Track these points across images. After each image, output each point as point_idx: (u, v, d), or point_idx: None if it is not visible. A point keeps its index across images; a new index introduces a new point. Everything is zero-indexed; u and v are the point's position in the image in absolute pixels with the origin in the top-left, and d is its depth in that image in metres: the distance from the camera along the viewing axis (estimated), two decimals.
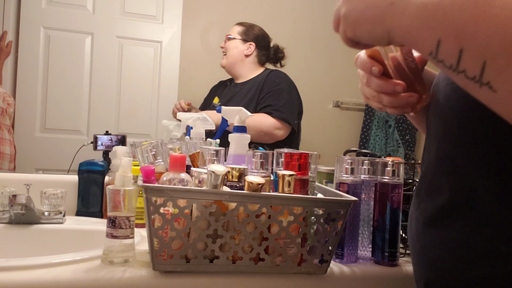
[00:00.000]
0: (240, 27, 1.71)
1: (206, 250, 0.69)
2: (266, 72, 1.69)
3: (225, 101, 1.66)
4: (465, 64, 0.32)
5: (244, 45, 1.69)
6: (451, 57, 0.33)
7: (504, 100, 0.31)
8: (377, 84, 0.54)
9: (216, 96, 1.74)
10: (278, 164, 0.84)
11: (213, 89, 1.82)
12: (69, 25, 1.75)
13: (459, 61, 0.32)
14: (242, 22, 1.73)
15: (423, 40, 0.35)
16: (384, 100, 0.55)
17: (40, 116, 1.71)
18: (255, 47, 1.69)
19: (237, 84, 1.71)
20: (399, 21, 0.37)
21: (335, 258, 0.82)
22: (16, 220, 0.95)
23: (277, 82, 1.62)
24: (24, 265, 0.66)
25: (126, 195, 0.72)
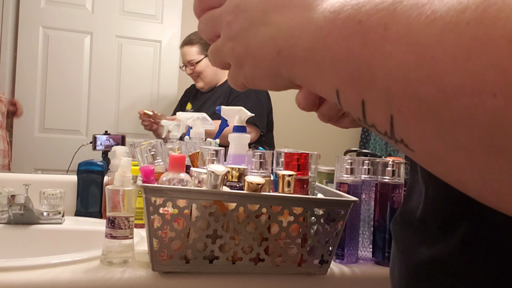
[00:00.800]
0: (195, 46, 1.66)
1: (205, 251, 0.69)
2: None
3: (196, 108, 1.68)
4: (372, 118, 0.26)
5: None
6: (354, 109, 0.27)
7: (426, 160, 0.25)
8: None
9: (189, 102, 1.75)
10: (278, 164, 0.84)
11: (187, 92, 1.82)
12: (68, 24, 1.75)
13: (364, 115, 0.26)
14: (189, 41, 1.68)
15: (322, 90, 0.29)
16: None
17: (39, 116, 1.71)
18: None
19: (207, 91, 1.73)
20: (293, 70, 0.31)
21: (336, 259, 0.82)
22: (15, 221, 0.95)
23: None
24: (23, 266, 0.66)
25: (126, 195, 0.72)
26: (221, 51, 0.36)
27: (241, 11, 0.34)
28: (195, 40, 1.66)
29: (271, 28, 0.32)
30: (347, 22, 0.25)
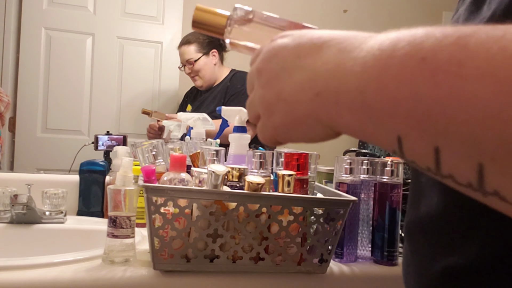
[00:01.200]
0: (193, 45, 1.67)
1: (206, 250, 0.70)
2: (230, 74, 1.71)
3: (195, 108, 1.68)
4: (450, 168, 0.22)
5: (209, 57, 1.69)
6: (424, 158, 0.23)
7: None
8: None
9: (189, 104, 1.76)
10: (278, 164, 0.85)
11: (186, 95, 1.83)
12: (70, 25, 1.76)
13: (438, 164, 0.22)
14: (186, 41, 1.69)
15: (377, 138, 0.25)
16: None
17: (41, 116, 1.72)
18: (217, 51, 1.70)
19: (206, 90, 1.73)
20: (336, 116, 0.27)
21: (335, 258, 0.83)
22: (18, 220, 0.95)
23: (240, 85, 1.63)
24: (25, 265, 0.67)
25: (127, 195, 0.73)
26: (253, 103, 0.33)
27: (272, 56, 0.31)
28: (192, 39, 1.67)
29: (307, 71, 0.28)
30: (407, 60, 0.22)
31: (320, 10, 2.16)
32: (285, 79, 0.30)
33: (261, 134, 0.33)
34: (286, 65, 0.30)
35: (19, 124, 1.66)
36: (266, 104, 0.31)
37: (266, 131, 0.32)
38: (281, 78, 0.30)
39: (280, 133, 0.31)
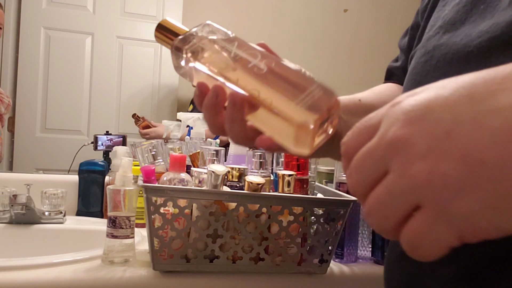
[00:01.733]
0: None
1: (206, 250, 0.69)
2: None
3: (194, 107, 1.69)
4: None
5: None
6: None
7: None
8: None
9: (191, 104, 1.77)
10: (278, 164, 0.84)
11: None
12: (70, 25, 1.75)
13: None
14: None
15: None
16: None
17: (40, 116, 1.71)
18: None
19: None
20: None
21: (335, 258, 0.82)
22: (17, 220, 0.95)
23: None
24: (24, 265, 0.66)
25: (127, 195, 0.72)
26: (399, 191, 0.20)
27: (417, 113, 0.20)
28: None
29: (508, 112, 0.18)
30: None
31: (320, 9, 2.16)
32: (468, 131, 0.19)
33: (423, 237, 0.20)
34: (460, 115, 0.19)
35: (18, 124, 1.66)
36: (440, 178, 0.19)
37: (441, 228, 0.19)
38: (459, 135, 0.19)
39: (478, 221, 0.19)
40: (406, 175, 0.19)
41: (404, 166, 0.20)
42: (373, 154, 0.21)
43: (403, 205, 0.20)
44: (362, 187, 0.22)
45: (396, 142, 0.20)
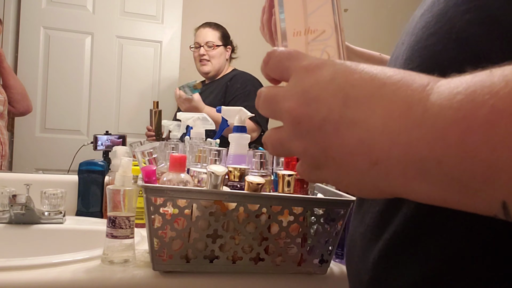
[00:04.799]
0: (217, 32, 1.73)
1: (206, 250, 0.69)
2: (232, 73, 1.73)
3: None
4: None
5: (225, 50, 1.74)
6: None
7: None
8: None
9: None
10: (278, 164, 0.84)
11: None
12: (69, 25, 1.75)
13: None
14: (212, 25, 1.74)
15: (467, 205, 0.22)
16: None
17: (40, 116, 1.71)
18: (231, 49, 1.75)
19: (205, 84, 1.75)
20: (403, 186, 0.23)
21: (335, 258, 0.82)
22: (16, 220, 0.95)
23: (243, 85, 1.66)
24: (24, 265, 0.66)
25: (126, 195, 0.72)
26: (287, 147, 0.28)
27: (310, 99, 0.26)
28: (218, 27, 1.73)
29: (359, 130, 0.23)
30: (496, 119, 0.19)
31: None
32: (331, 133, 0.25)
33: (305, 178, 0.30)
34: (331, 115, 0.25)
35: (17, 124, 1.66)
36: (310, 158, 0.27)
37: (313, 179, 0.29)
38: (326, 132, 0.25)
39: (327, 182, 0.28)
40: (290, 143, 0.28)
41: (290, 135, 0.27)
42: (275, 105, 0.28)
43: (287, 154, 0.30)
44: (263, 113, 0.30)
45: (289, 113, 0.27)
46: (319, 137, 0.25)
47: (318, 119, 0.25)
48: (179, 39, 1.81)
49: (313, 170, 0.28)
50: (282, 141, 0.28)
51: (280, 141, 0.29)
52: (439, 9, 0.34)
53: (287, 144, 0.28)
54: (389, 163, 0.23)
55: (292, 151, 0.28)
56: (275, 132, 0.29)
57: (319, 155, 0.26)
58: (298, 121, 0.26)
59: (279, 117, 0.28)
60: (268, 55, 0.30)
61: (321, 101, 0.25)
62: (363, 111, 0.24)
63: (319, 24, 0.33)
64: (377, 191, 0.25)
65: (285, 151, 0.29)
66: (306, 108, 0.26)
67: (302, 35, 0.33)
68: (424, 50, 0.34)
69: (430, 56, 0.33)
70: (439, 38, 0.33)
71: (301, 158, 0.28)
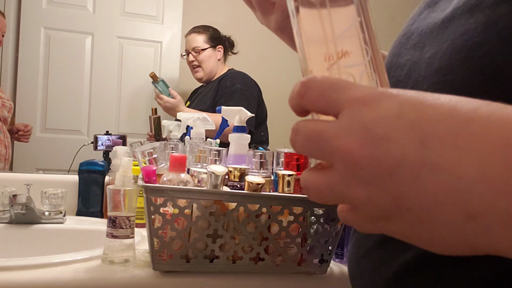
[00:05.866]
0: (203, 35, 1.72)
1: (206, 250, 0.69)
2: (226, 73, 1.73)
3: (192, 103, 1.70)
4: None
5: (215, 51, 1.72)
6: None
7: None
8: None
9: (188, 101, 1.78)
10: (278, 164, 0.84)
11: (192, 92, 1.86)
12: (70, 25, 1.75)
13: None
14: (197, 29, 1.73)
15: None
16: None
17: (40, 116, 1.71)
18: (223, 48, 1.73)
19: (202, 85, 1.75)
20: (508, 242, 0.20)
21: (335, 258, 0.82)
22: (17, 220, 0.95)
23: (232, 83, 1.65)
24: (24, 265, 0.66)
25: (127, 195, 0.72)
26: (340, 194, 0.23)
27: (376, 139, 0.22)
28: (202, 30, 1.71)
29: (447, 176, 0.20)
30: None
31: None
32: (407, 180, 0.21)
33: (360, 229, 0.25)
34: (406, 158, 0.21)
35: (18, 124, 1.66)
36: (374, 207, 0.22)
37: (368, 225, 0.24)
38: (400, 178, 0.21)
39: (394, 235, 0.23)
40: (345, 190, 0.23)
41: (346, 180, 0.23)
42: (324, 144, 0.23)
43: (339, 202, 0.25)
44: (305, 152, 0.25)
45: (347, 154, 0.22)
46: (390, 184, 0.21)
47: (389, 163, 0.21)
48: (179, 39, 1.81)
49: (375, 221, 0.23)
50: (334, 186, 0.23)
51: (330, 186, 0.24)
52: (486, 16, 0.31)
53: (341, 190, 0.23)
54: (493, 217, 0.19)
55: (349, 199, 0.23)
56: (320, 175, 0.24)
57: (389, 205, 0.22)
58: (360, 165, 0.22)
59: (328, 158, 0.23)
60: (305, 85, 0.24)
61: (392, 141, 0.21)
62: (450, 153, 0.20)
63: (351, 46, 0.28)
64: (469, 248, 0.21)
65: (337, 198, 0.24)
66: (372, 149, 0.21)
67: (334, 59, 0.28)
68: (470, 61, 0.31)
69: (480, 69, 0.30)
70: (491, 50, 0.30)
71: (361, 207, 0.23)
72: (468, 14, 0.33)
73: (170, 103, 1.56)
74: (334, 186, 0.23)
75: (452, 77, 0.32)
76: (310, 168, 0.26)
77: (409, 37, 0.40)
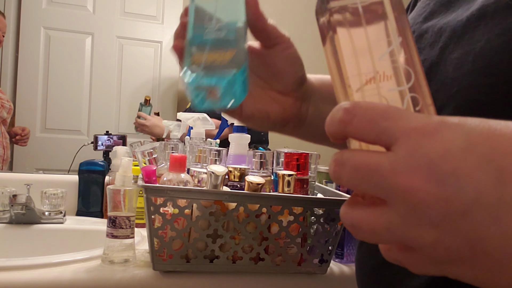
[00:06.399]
0: None
1: (206, 250, 0.69)
2: None
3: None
4: None
5: None
6: None
7: None
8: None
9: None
10: (278, 164, 0.84)
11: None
12: (70, 25, 1.75)
13: None
14: None
15: None
16: None
17: (40, 116, 1.71)
18: None
19: None
20: None
21: (335, 258, 0.82)
22: (17, 220, 0.95)
23: None
24: (24, 265, 0.66)
25: (127, 195, 0.72)
26: (401, 236, 0.21)
27: (444, 175, 0.19)
28: None
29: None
30: None
31: None
32: (484, 221, 0.19)
33: (414, 264, 0.22)
34: (482, 196, 0.19)
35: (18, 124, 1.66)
36: (443, 250, 0.20)
37: (432, 269, 0.21)
38: (475, 219, 0.19)
39: (463, 279, 0.21)
40: (407, 231, 0.20)
41: (408, 221, 0.20)
42: (380, 179, 0.20)
43: (396, 243, 0.22)
44: (352, 188, 0.22)
45: (410, 193, 0.20)
46: (463, 226, 0.19)
47: (461, 202, 0.19)
48: None
49: (440, 264, 0.21)
50: (392, 227, 0.21)
51: (387, 227, 0.21)
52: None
53: (401, 231, 0.21)
54: None
55: (410, 241, 0.21)
56: (373, 213, 0.21)
57: (462, 249, 0.19)
58: (427, 204, 0.19)
59: (384, 195, 0.21)
60: (349, 112, 0.22)
61: (463, 177, 0.19)
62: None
63: (392, 68, 0.25)
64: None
65: (395, 239, 0.21)
66: (440, 187, 0.19)
67: (374, 82, 0.25)
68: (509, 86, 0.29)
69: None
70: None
71: (425, 249, 0.21)
72: (505, 12, 0.30)
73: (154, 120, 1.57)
74: (393, 227, 0.21)
75: (492, 80, 0.30)
76: (355, 203, 0.23)
77: (422, 36, 0.38)
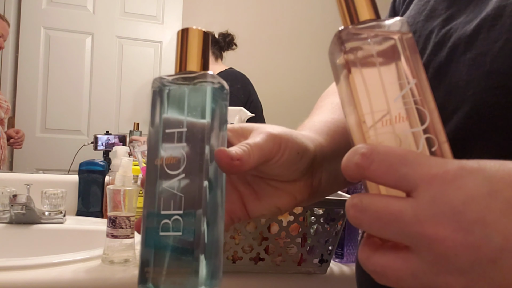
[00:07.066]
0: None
1: None
2: (223, 72, 1.71)
3: None
4: None
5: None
6: None
7: None
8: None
9: None
10: None
11: None
12: (70, 25, 1.75)
13: None
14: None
15: None
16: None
17: (40, 116, 1.71)
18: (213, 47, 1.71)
19: None
20: None
21: (335, 258, 0.82)
22: (17, 220, 0.95)
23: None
24: (24, 265, 0.66)
25: (127, 195, 0.72)
26: (427, 283, 0.21)
27: (470, 223, 0.19)
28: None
29: None
30: None
31: (319, 9, 2.16)
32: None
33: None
34: (510, 243, 0.19)
35: (18, 124, 1.66)
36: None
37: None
38: (504, 266, 0.19)
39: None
40: (438, 278, 0.20)
41: (435, 269, 0.20)
42: (404, 227, 0.20)
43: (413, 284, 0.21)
44: (374, 234, 0.22)
45: (436, 242, 0.20)
46: (493, 273, 0.19)
47: (490, 249, 0.19)
48: None
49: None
50: (418, 274, 0.20)
51: (414, 274, 0.20)
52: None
53: (429, 279, 0.20)
54: None
55: (433, 286, 0.20)
56: (398, 260, 0.21)
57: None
58: (454, 253, 0.19)
59: (408, 242, 0.20)
60: (367, 157, 0.22)
61: (489, 225, 0.19)
62: None
63: (406, 110, 0.24)
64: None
65: (422, 286, 0.21)
66: (467, 235, 0.19)
67: (389, 124, 0.24)
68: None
69: None
70: None
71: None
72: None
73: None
74: (420, 274, 0.20)
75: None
76: (374, 245, 0.22)
77: (427, 35, 0.36)
